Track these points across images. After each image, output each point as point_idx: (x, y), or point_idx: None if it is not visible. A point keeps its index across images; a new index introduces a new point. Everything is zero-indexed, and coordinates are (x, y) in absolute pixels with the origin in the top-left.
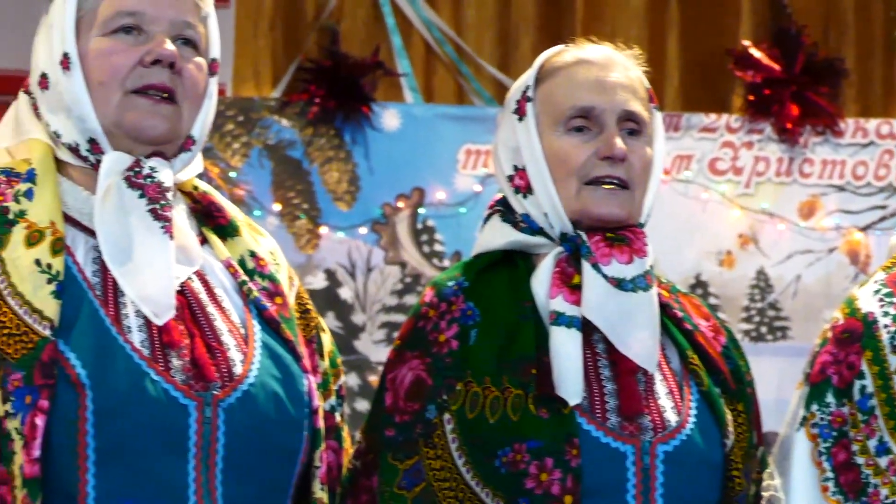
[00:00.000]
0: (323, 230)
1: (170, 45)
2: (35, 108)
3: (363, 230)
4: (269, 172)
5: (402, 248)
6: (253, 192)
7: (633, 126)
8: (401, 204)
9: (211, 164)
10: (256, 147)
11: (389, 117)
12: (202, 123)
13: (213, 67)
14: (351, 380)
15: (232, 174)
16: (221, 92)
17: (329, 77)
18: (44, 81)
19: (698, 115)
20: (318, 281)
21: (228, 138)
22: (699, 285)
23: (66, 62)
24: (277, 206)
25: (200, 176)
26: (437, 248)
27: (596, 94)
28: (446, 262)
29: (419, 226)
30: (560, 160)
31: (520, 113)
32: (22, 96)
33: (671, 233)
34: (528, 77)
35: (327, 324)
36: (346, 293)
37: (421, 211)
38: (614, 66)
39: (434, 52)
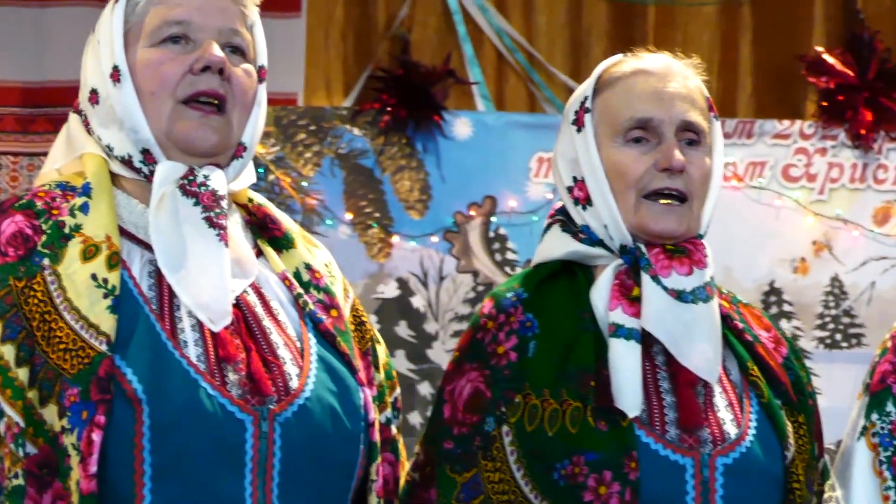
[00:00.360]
0: (395, 239)
1: (218, 51)
2: (86, 124)
3: (435, 239)
4: (341, 181)
5: (474, 257)
6: (325, 201)
7: (691, 136)
8: (473, 212)
9: (283, 173)
10: (328, 156)
11: (461, 126)
12: (252, 130)
13: (261, 74)
14: (423, 388)
15: (304, 183)
16: (293, 101)
17: (400, 86)
18: (94, 97)
19: (771, 122)
20: (391, 290)
21: (300, 147)
22: (773, 292)
23: (115, 75)
24: (349, 216)
25: (272, 185)
26: (510, 256)
27: (654, 104)
28: (519, 271)
29: (491, 234)
30: (618, 172)
31: (578, 124)
32: (72, 116)
33: (745, 240)
34: (586, 88)
35: (400, 333)
36: (418, 302)
37: (493, 219)
38: (673, 76)
39: (505, 59)
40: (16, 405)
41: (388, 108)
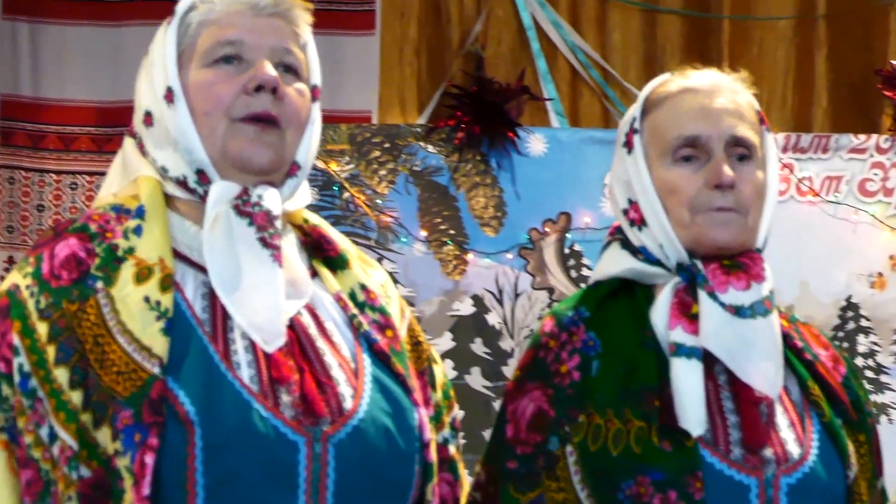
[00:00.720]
0: (470, 256)
1: (271, 70)
2: (141, 147)
3: (510, 256)
4: (416, 199)
5: (549, 274)
6: (399, 218)
7: (742, 151)
8: (547, 229)
9: (357, 191)
10: (403, 174)
11: (535, 142)
12: (307, 149)
13: (314, 93)
14: (499, 405)
15: (378, 201)
16: (367, 119)
17: (475, 103)
18: (148, 119)
19: (847, 136)
20: (466, 307)
21: (375, 165)
22: (850, 308)
23: (169, 96)
24: (424, 233)
25: (347, 203)
26: (585, 272)
27: (701, 121)
28: None
29: (566, 251)
30: (670, 191)
31: (628, 146)
32: (127, 140)
33: (821, 255)
34: (634, 109)
35: (475, 350)
36: (493, 319)
37: (568, 236)
38: (720, 92)
39: (580, 76)
40: (69, 428)
41: (463, 125)
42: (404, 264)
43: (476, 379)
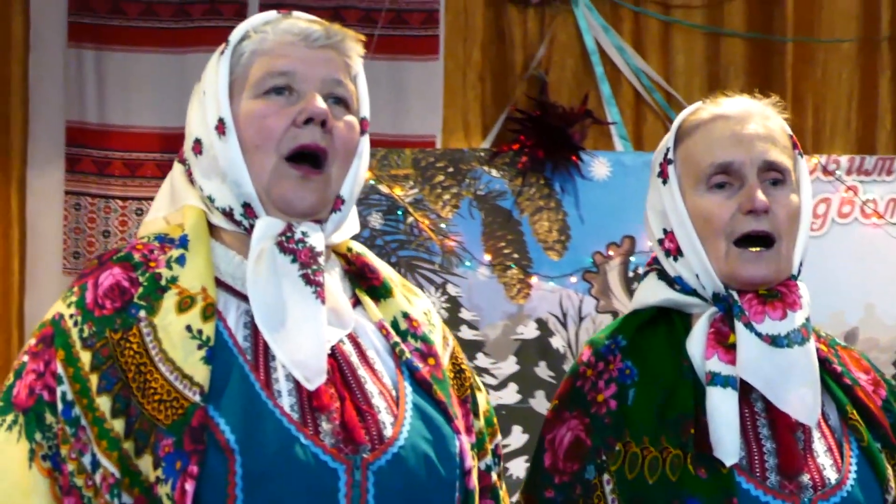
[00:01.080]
0: (534, 280)
1: (321, 103)
2: (189, 174)
3: (574, 279)
4: (480, 223)
5: (613, 297)
6: (464, 242)
7: (775, 176)
8: (611, 252)
9: (422, 215)
10: (467, 198)
11: (599, 166)
12: (352, 183)
13: (363, 125)
14: None
15: (443, 225)
16: (431, 144)
17: (538, 127)
18: (197, 147)
19: None
20: (530, 331)
21: (439, 189)
22: None
23: (221, 127)
24: (488, 257)
25: (411, 227)
26: None
27: (733, 148)
28: None
29: (630, 274)
30: (705, 219)
31: (663, 176)
32: (176, 166)
33: (886, 277)
34: (667, 139)
35: (539, 374)
36: (557, 342)
37: (632, 259)
38: (751, 118)
39: (643, 99)
40: (111, 456)
41: (526, 150)
42: (468, 288)
43: (540, 402)
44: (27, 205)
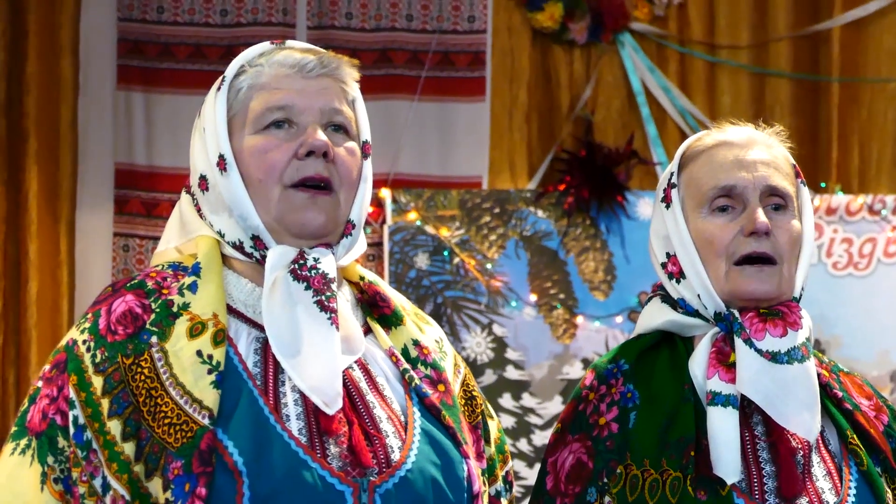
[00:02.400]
0: (580, 320)
1: (321, 135)
2: (198, 209)
3: (620, 319)
4: (526, 263)
5: None
6: (510, 283)
7: (777, 201)
8: None
9: (468, 256)
10: (513, 238)
11: (644, 206)
12: (360, 207)
13: (365, 149)
14: None
15: (489, 266)
16: (477, 184)
17: (584, 167)
18: (203, 183)
19: None
20: (576, 371)
21: (485, 230)
22: None
23: (222, 163)
24: (534, 297)
25: (457, 267)
26: None
27: (736, 172)
28: None
29: None
30: (706, 241)
31: (666, 200)
32: (184, 196)
33: None
34: (672, 165)
35: None
36: None
37: None
38: (754, 145)
39: None
40: (122, 479)
41: (572, 190)
42: (514, 328)
43: None
44: (76, 246)
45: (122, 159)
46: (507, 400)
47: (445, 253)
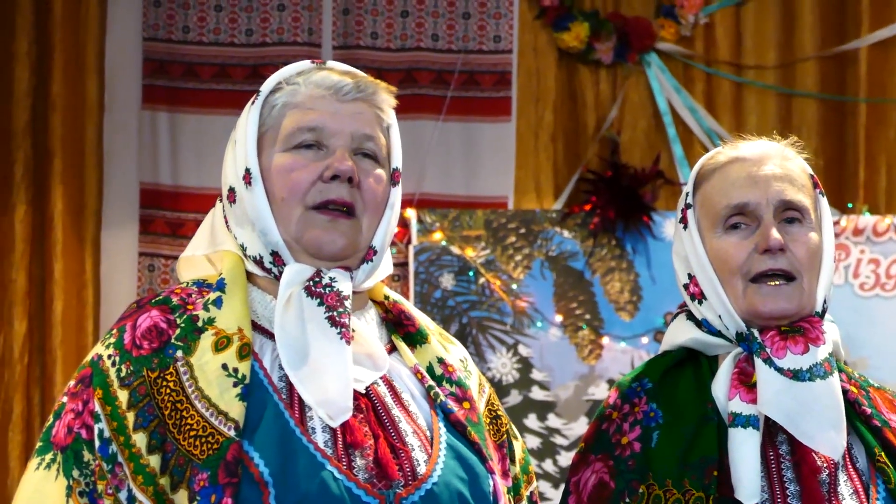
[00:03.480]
0: (605, 340)
1: (347, 162)
2: (226, 220)
3: (645, 340)
4: (551, 284)
5: None
6: (535, 303)
7: (793, 214)
8: None
9: (493, 276)
10: (538, 259)
11: (671, 226)
12: (383, 233)
13: (395, 177)
14: None
15: (514, 286)
16: (503, 205)
17: (610, 187)
18: (231, 195)
19: None
20: (601, 391)
21: (511, 250)
22: None
23: (248, 177)
24: (559, 317)
25: (483, 288)
26: None
27: (749, 189)
28: None
29: None
30: (722, 260)
31: (683, 222)
32: (218, 204)
33: None
34: (687, 185)
35: None
36: None
37: None
38: (768, 159)
39: None
40: (147, 491)
41: (598, 210)
42: (540, 349)
43: None
44: (101, 266)
45: (146, 179)
46: (532, 420)
47: (471, 273)
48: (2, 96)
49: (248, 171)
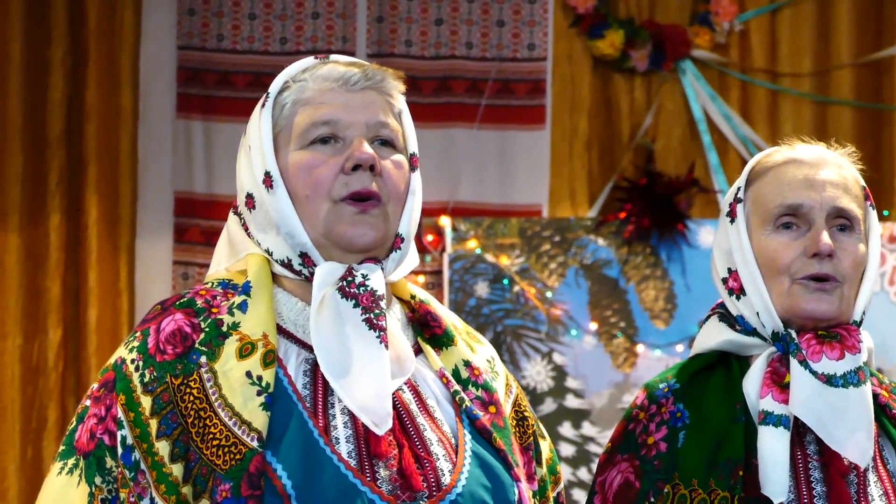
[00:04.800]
0: (640, 348)
1: (367, 149)
2: (245, 228)
3: (680, 348)
4: (586, 292)
5: None
6: (570, 311)
7: (844, 222)
8: None
9: (528, 284)
10: (573, 267)
11: (705, 234)
12: (408, 220)
13: (413, 162)
14: None
15: (549, 294)
16: (537, 213)
17: (644, 195)
18: (250, 202)
19: None
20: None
21: (545, 258)
22: None
23: (268, 181)
24: (594, 325)
25: (517, 296)
26: None
27: (804, 191)
28: None
29: None
30: (769, 258)
31: (731, 216)
32: (231, 217)
33: None
34: (739, 179)
35: None
36: None
37: None
38: (825, 165)
39: None
40: (170, 500)
41: (633, 218)
42: (574, 357)
43: None
44: (136, 274)
45: (181, 188)
46: (566, 429)
47: (505, 281)
48: (37, 105)
49: (267, 174)
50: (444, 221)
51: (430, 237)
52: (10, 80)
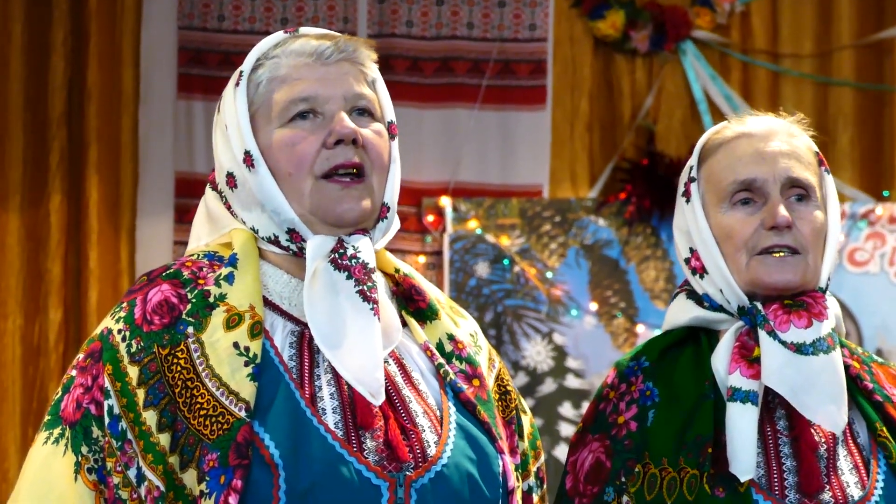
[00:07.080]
0: (640, 329)
1: (349, 122)
2: (228, 206)
3: None
4: (587, 272)
5: None
6: (570, 291)
7: (799, 192)
8: None
9: (528, 264)
10: (573, 247)
11: None
12: (392, 189)
13: (391, 130)
14: None
15: (549, 274)
16: (538, 193)
17: (645, 176)
18: (231, 180)
19: None
20: None
21: (546, 239)
22: None
23: (249, 160)
24: (594, 306)
25: (518, 276)
26: None
27: (756, 165)
28: None
29: None
30: (727, 235)
31: (686, 195)
32: (209, 192)
33: None
34: (692, 158)
35: None
36: None
37: None
38: (774, 136)
39: None
40: (157, 469)
41: (633, 199)
42: (574, 337)
43: None
44: (136, 255)
45: (182, 168)
46: (566, 409)
47: (506, 262)
48: (38, 86)
49: (247, 153)
50: (445, 202)
51: (430, 217)
52: (11, 61)
